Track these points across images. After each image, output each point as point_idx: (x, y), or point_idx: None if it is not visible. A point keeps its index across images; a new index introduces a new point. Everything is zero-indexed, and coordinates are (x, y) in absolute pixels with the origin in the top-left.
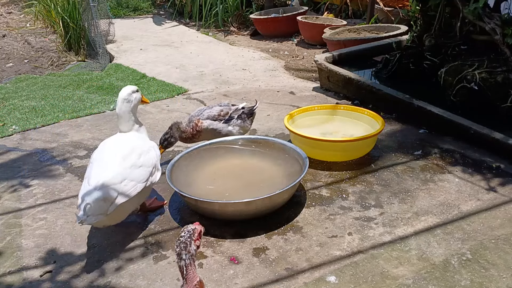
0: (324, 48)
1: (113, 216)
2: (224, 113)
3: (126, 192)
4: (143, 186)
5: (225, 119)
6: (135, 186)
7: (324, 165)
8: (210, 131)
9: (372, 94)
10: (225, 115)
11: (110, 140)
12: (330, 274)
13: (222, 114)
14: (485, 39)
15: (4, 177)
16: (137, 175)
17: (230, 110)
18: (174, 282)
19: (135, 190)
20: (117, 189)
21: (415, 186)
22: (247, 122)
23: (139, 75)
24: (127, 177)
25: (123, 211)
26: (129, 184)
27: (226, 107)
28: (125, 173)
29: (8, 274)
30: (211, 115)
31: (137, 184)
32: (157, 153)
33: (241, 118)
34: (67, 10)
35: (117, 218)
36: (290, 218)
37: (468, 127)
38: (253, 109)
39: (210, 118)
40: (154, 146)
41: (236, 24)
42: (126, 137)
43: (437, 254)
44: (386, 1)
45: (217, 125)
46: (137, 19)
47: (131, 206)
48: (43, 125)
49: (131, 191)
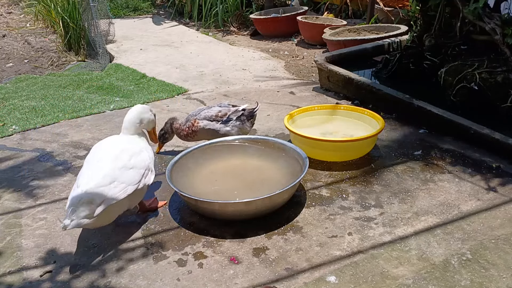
0: (324, 48)
1: (103, 218)
2: (222, 114)
3: (115, 195)
4: (134, 188)
5: (223, 120)
6: (125, 189)
7: (324, 165)
8: (206, 131)
9: (372, 94)
10: (223, 116)
11: (102, 142)
12: (330, 274)
13: (220, 115)
14: (485, 39)
15: (4, 177)
16: (128, 177)
17: (229, 111)
18: (174, 282)
19: (125, 192)
20: (105, 191)
21: (415, 186)
22: (247, 124)
23: (139, 75)
24: (117, 179)
25: (113, 213)
26: (119, 186)
27: (225, 108)
28: (115, 175)
29: (8, 274)
30: (208, 115)
31: (128, 186)
32: (150, 155)
33: (240, 120)
34: (67, 10)
35: (108, 220)
36: (290, 218)
37: (468, 127)
38: (253, 111)
39: (207, 118)
40: (147, 148)
41: (236, 24)
42: (118, 139)
43: (437, 254)
44: (386, 1)
45: (214, 126)
46: (137, 19)
47: (121, 208)
48: (43, 125)
49: (120, 193)
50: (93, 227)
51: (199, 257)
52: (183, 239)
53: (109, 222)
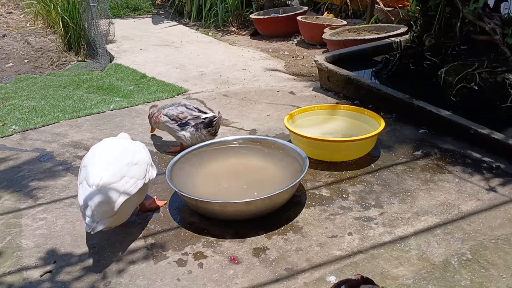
0: (324, 48)
1: (119, 216)
2: (182, 116)
3: (128, 190)
4: (142, 182)
5: (181, 122)
6: (136, 183)
7: (324, 165)
8: (165, 126)
9: (372, 94)
10: (182, 118)
11: (100, 145)
12: (330, 274)
13: (180, 117)
14: (485, 39)
15: (4, 177)
16: (135, 172)
17: (190, 116)
18: (174, 282)
19: (136, 187)
20: (119, 187)
21: (415, 186)
22: (203, 132)
23: (139, 75)
24: (126, 174)
25: (127, 210)
26: (130, 181)
27: (187, 111)
28: (124, 171)
29: (8, 274)
30: (170, 113)
31: (138, 180)
32: (147, 152)
33: (196, 128)
34: (67, 10)
35: (123, 218)
36: (290, 218)
37: (468, 127)
38: (212, 120)
39: (169, 116)
40: (144, 146)
41: (236, 24)
42: (116, 141)
43: (437, 254)
44: (386, 1)
45: (172, 125)
46: (137, 19)
47: (133, 204)
48: (43, 125)
49: (132, 188)
50: (113, 227)
51: (199, 257)
52: (183, 239)
53: (125, 220)
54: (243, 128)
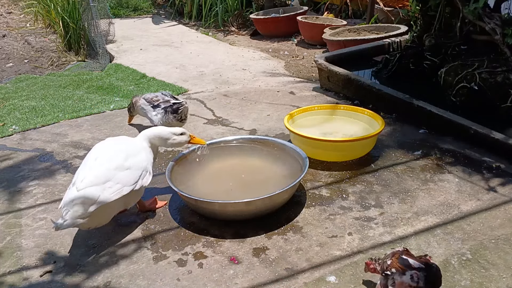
0: (324, 48)
1: (98, 218)
2: (156, 99)
3: (108, 195)
4: (130, 189)
5: (153, 105)
6: (121, 189)
7: (324, 165)
8: (140, 109)
9: (372, 94)
10: (155, 101)
11: (99, 145)
12: (330, 274)
13: (154, 99)
14: (485, 39)
15: (4, 177)
16: (123, 177)
17: (162, 99)
18: (174, 282)
19: (120, 193)
20: (99, 191)
21: (415, 186)
22: (170, 117)
23: (139, 75)
24: (111, 179)
25: (107, 213)
26: (113, 187)
27: (161, 96)
28: (109, 175)
29: (8, 274)
30: (147, 97)
31: (124, 187)
32: (149, 157)
33: (165, 111)
34: (67, 10)
35: (103, 220)
36: (290, 218)
37: (468, 127)
38: (178, 107)
39: (146, 99)
40: (146, 149)
41: (236, 24)
42: (116, 140)
43: (437, 254)
44: (386, 1)
45: (146, 107)
46: (137, 19)
47: (116, 208)
48: (43, 125)
49: (114, 194)
50: (88, 227)
51: (199, 257)
52: (183, 239)
53: (105, 223)
54: (243, 128)
